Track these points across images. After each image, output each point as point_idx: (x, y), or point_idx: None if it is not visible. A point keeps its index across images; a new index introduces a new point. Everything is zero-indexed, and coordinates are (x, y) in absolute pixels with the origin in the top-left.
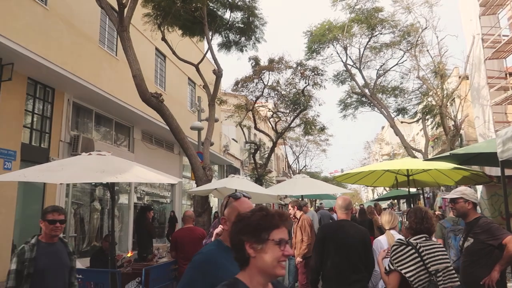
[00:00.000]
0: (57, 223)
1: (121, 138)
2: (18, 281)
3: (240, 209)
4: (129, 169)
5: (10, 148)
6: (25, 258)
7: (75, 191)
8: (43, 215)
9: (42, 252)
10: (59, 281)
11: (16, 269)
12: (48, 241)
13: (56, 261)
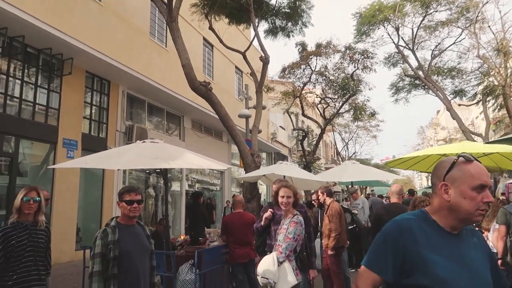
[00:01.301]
0: (134, 204)
1: (172, 127)
2: (105, 265)
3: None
4: (180, 155)
5: (72, 138)
6: (108, 240)
7: (131, 178)
8: (120, 196)
9: (124, 234)
10: (144, 264)
11: (101, 252)
12: (127, 223)
13: (138, 243)
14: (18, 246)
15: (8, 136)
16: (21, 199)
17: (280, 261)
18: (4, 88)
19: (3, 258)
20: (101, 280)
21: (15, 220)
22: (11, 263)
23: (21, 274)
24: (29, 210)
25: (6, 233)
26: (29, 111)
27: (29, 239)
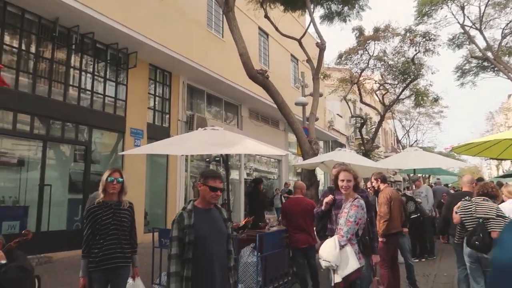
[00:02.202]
0: (218, 191)
1: (230, 116)
2: (181, 248)
3: None
4: (240, 142)
5: (138, 127)
6: (184, 224)
7: (192, 167)
8: (204, 179)
9: (200, 219)
10: (220, 248)
11: (178, 236)
12: (204, 207)
13: (214, 227)
14: (103, 224)
15: (82, 126)
16: (106, 179)
17: (341, 245)
18: (78, 82)
19: (91, 236)
20: (178, 262)
21: (101, 200)
22: (97, 240)
23: (106, 251)
24: (113, 190)
25: (93, 211)
26: (100, 103)
27: (113, 218)
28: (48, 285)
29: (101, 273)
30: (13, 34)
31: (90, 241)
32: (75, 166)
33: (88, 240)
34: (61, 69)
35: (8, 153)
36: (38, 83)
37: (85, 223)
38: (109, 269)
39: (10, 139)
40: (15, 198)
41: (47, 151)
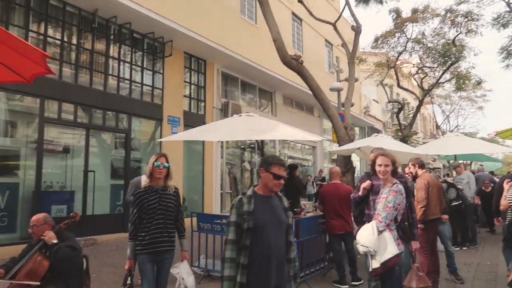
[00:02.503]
0: (281, 180)
1: (264, 103)
2: (239, 234)
3: None
4: (275, 127)
5: (175, 115)
6: (243, 210)
7: (227, 154)
8: (266, 164)
9: (260, 206)
10: (279, 239)
11: (235, 222)
12: (265, 194)
13: (274, 216)
14: (150, 209)
15: (122, 114)
16: (152, 164)
17: (380, 230)
18: (117, 72)
19: (137, 219)
20: (234, 248)
21: (148, 185)
22: (144, 224)
23: (153, 234)
24: (159, 175)
25: (140, 196)
26: (138, 92)
27: (159, 203)
28: (94, 265)
29: (148, 255)
30: (56, 27)
31: (137, 225)
32: (116, 153)
33: (135, 224)
34: (101, 60)
35: (54, 141)
36: (80, 73)
37: (133, 207)
38: (155, 252)
39: (56, 128)
40: (62, 184)
41: (90, 138)
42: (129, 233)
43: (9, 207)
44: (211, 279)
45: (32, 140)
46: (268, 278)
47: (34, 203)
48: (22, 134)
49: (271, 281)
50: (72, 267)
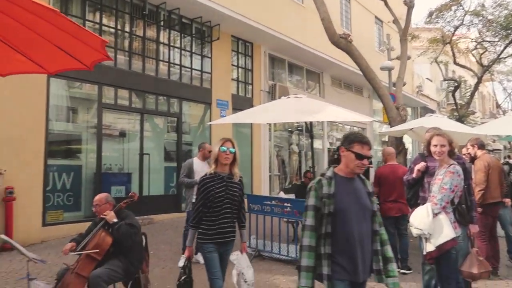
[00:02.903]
0: (365, 160)
1: (311, 85)
2: (318, 220)
3: None
4: (323, 109)
5: (224, 99)
6: (323, 193)
7: (275, 136)
8: (348, 142)
9: (342, 189)
10: (364, 226)
11: (314, 205)
12: (347, 176)
13: (357, 201)
14: (217, 197)
15: (173, 99)
16: (218, 149)
17: (435, 213)
18: (167, 57)
19: (201, 207)
20: (313, 236)
21: (213, 171)
22: (210, 213)
23: (220, 225)
24: (226, 161)
25: (206, 183)
26: (188, 76)
27: (226, 191)
28: (151, 243)
29: (213, 245)
30: (110, 15)
31: (201, 213)
32: (168, 137)
33: (199, 212)
34: (152, 46)
35: (111, 126)
36: (134, 60)
37: (198, 193)
38: (221, 243)
39: (112, 113)
40: (120, 166)
41: (144, 123)
42: (191, 220)
43: (74, 188)
44: (261, 259)
45: (92, 125)
46: (356, 270)
47: (95, 184)
48: (83, 120)
49: (359, 273)
50: (132, 243)
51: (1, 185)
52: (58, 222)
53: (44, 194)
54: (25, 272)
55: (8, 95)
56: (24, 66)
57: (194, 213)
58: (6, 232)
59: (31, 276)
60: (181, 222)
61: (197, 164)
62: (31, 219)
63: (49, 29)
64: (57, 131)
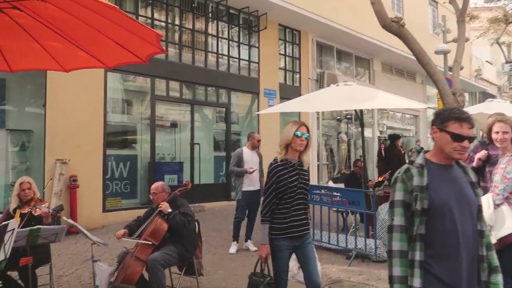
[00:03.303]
0: (465, 141)
1: (361, 71)
2: (408, 218)
3: None
4: (374, 96)
5: (271, 88)
6: (414, 185)
7: (323, 126)
8: (442, 121)
9: (437, 179)
10: (469, 227)
11: (403, 201)
12: (441, 162)
13: (459, 193)
14: (290, 187)
15: (222, 89)
16: (293, 134)
17: (496, 204)
18: (216, 49)
19: (274, 199)
20: (404, 238)
21: (284, 158)
22: (282, 204)
23: (293, 217)
24: (300, 147)
25: (278, 170)
26: (236, 67)
27: (299, 180)
28: (202, 230)
29: (286, 241)
30: (160, 10)
31: (273, 205)
32: (217, 127)
33: (271, 204)
34: (201, 38)
35: (163, 117)
36: (184, 52)
37: (268, 182)
38: (295, 237)
39: (164, 105)
40: (172, 155)
41: (194, 113)
42: (261, 212)
43: (131, 176)
44: None
45: (145, 117)
46: (459, 282)
47: (150, 173)
48: (137, 112)
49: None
50: (186, 230)
51: (66, 174)
52: (116, 208)
53: (103, 182)
54: (89, 254)
55: (71, 89)
56: (86, 62)
57: (264, 205)
58: (71, 217)
59: (95, 258)
60: (231, 210)
61: (247, 153)
62: (93, 205)
63: (108, 26)
64: (114, 123)
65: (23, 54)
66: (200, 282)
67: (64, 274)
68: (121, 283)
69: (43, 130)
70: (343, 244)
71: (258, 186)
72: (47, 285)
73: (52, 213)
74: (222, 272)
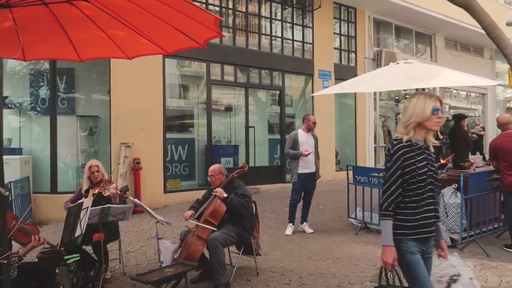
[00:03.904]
0: None
1: (421, 48)
2: None
3: None
4: (438, 73)
5: (326, 69)
6: None
7: (380, 107)
8: None
9: None
10: None
11: None
12: None
13: None
14: (420, 174)
15: (275, 72)
16: (431, 110)
17: None
18: (269, 31)
19: (400, 188)
20: None
21: (409, 139)
22: (409, 196)
23: (424, 213)
24: (436, 126)
25: (406, 152)
26: (289, 48)
27: (429, 167)
28: (259, 211)
29: (416, 242)
30: None
31: (398, 196)
32: (271, 110)
33: (396, 194)
34: (254, 21)
35: (218, 101)
36: (238, 36)
37: (391, 168)
38: (424, 239)
39: (219, 89)
40: (228, 138)
41: (248, 97)
42: (383, 205)
43: (189, 159)
44: (368, 231)
45: (201, 101)
46: None
47: (207, 156)
48: (193, 96)
49: None
50: (246, 211)
51: (130, 156)
52: (176, 190)
53: (164, 164)
54: (152, 232)
55: (133, 76)
56: (147, 49)
57: (386, 196)
58: (135, 197)
59: (159, 236)
60: (285, 192)
61: (302, 136)
62: (155, 186)
63: (167, 12)
64: (172, 108)
65: (90, 43)
66: (258, 262)
67: (131, 250)
68: (184, 260)
69: (108, 116)
70: None
71: (313, 168)
72: (117, 259)
73: (120, 193)
74: (279, 253)
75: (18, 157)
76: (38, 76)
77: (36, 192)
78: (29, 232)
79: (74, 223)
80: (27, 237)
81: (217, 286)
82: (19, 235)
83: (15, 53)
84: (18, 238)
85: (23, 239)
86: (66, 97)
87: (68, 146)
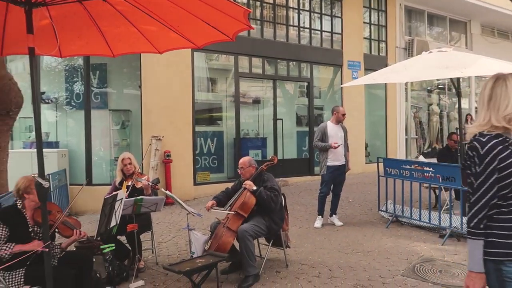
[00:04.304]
0: None
1: (455, 36)
2: None
3: None
4: (475, 62)
5: (355, 59)
6: None
7: (412, 98)
8: None
9: None
10: None
11: None
12: None
13: None
14: None
15: (303, 63)
16: None
17: None
18: (297, 22)
19: (495, 198)
20: None
21: (498, 133)
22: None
23: None
24: None
25: (500, 151)
26: (318, 39)
27: None
28: (288, 203)
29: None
30: None
31: (493, 207)
32: (299, 102)
33: (490, 206)
34: (282, 12)
35: (246, 94)
36: (265, 28)
37: (484, 172)
38: None
39: (247, 81)
40: (256, 131)
41: (276, 89)
42: (472, 224)
43: (218, 152)
44: (399, 225)
45: (229, 94)
46: None
47: (235, 148)
48: (221, 89)
49: None
50: (275, 205)
51: (161, 149)
52: (206, 182)
53: (194, 157)
54: (183, 223)
55: (163, 70)
56: (177, 43)
57: (477, 209)
58: (166, 189)
59: (190, 227)
60: (314, 185)
61: (331, 128)
62: (185, 178)
63: (196, 5)
64: (201, 101)
65: (122, 39)
66: (287, 254)
67: (163, 241)
68: (214, 251)
69: (139, 109)
70: (435, 222)
71: (343, 161)
72: (149, 250)
73: (152, 185)
74: (308, 245)
75: (55, 150)
76: (73, 72)
77: (72, 184)
78: (72, 226)
79: (110, 214)
80: (69, 230)
81: (247, 278)
82: (62, 228)
83: (52, 50)
84: (61, 230)
85: (66, 232)
86: (99, 92)
87: (102, 139)
